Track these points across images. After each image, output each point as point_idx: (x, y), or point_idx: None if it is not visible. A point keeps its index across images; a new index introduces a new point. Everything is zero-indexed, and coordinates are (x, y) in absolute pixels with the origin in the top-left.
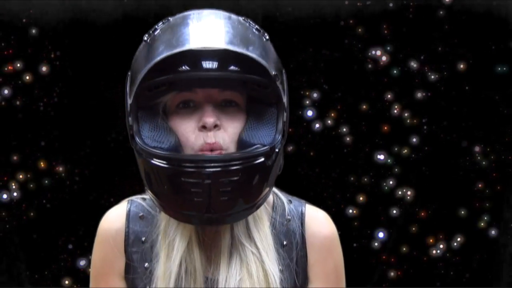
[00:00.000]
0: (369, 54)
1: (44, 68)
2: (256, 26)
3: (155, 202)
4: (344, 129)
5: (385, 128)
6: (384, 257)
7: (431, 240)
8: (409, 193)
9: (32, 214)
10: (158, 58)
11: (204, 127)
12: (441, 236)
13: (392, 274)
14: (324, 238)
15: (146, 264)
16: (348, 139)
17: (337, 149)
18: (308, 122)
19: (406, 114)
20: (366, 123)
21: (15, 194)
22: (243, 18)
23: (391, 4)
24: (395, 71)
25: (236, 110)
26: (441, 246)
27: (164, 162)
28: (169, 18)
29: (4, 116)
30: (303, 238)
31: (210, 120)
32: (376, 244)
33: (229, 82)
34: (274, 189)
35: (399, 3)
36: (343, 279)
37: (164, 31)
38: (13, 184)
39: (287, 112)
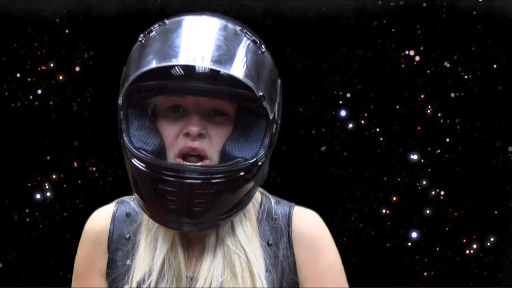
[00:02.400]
0: (402, 54)
1: (77, 68)
2: (253, 37)
3: (138, 202)
4: (377, 129)
5: (418, 128)
6: (417, 257)
7: (464, 240)
8: (442, 193)
9: (65, 214)
10: (146, 68)
11: (188, 134)
12: (474, 236)
13: (425, 274)
14: (312, 237)
15: (128, 261)
16: (381, 139)
17: (370, 149)
18: (341, 122)
19: (439, 114)
20: (399, 123)
21: (48, 194)
22: (240, 28)
23: (424, 4)
24: (428, 71)
25: (224, 119)
26: (475, 246)
27: (144, 166)
28: (165, 21)
29: (37, 116)
30: (289, 238)
31: (194, 129)
32: (409, 244)
33: (220, 93)
34: (263, 190)
35: (433, 3)
36: (342, 280)
37: (158, 35)
38: (46, 184)
39: (278, 123)
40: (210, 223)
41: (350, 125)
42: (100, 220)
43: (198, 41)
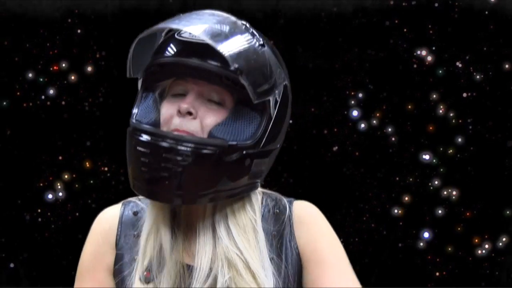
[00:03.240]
0: (414, 54)
1: (89, 68)
2: (252, 30)
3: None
4: (389, 129)
5: (430, 128)
6: (429, 257)
7: (476, 240)
8: (454, 193)
9: (77, 214)
10: (140, 36)
11: (179, 112)
12: (486, 236)
13: (437, 274)
14: (310, 220)
15: (136, 257)
16: (393, 139)
17: (382, 149)
18: (353, 122)
19: (451, 114)
20: (411, 123)
21: (60, 194)
22: (242, 22)
23: (436, 4)
24: (440, 71)
25: (219, 108)
26: (486, 246)
27: (130, 128)
28: (180, 14)
29: (50, 116)
30: (292, 228)
31: (184, 106)
32: (421, 244)
33: (215, 76)
34: (266, 190)
35: (445, 3)
36: (343, 257)
37: (165, 23)
38: (58, 184)
39: (285, 122)
40: (182, 196)
41: (362, 125)
42: (108, 218)
43: (193, 18)
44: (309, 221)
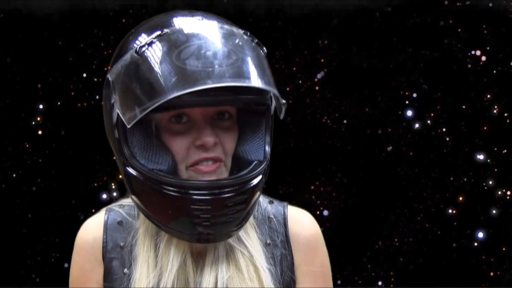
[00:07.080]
0: (469, 54)
1: None
2: (255, 39)
3: (152, 219)
4: (444, 129)
5: (485, 128)
6: (483, 257)
7: None
8: (508, 193)
9: None
10: (173, 95)
11: (202, 146)
12: None
13: (491, 274)
14: (309, 237)
15: (125, 270)
16: (447, 139)
17: (437, 149)
18: (407, 122)
19: (505, 114)
20: (465, 123)
21: (114, 194)
22: (243, 31)
23: (490, 4)
24: (494, 71)
25: (230, 122)
26: None
27: (175, 190)
28: (166, 30)
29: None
30: (287, 238)
31: (210, 139)
32: (475, 244)
33: (231, 101)
34: None
35: (499, 3)
36: (330, 278)
37: (166, 51)
38: (112, 184)
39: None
40: (228, 234)
41: (417, 125)
42: (92, 229)
43: (215, 59)
44: (308, 239)
